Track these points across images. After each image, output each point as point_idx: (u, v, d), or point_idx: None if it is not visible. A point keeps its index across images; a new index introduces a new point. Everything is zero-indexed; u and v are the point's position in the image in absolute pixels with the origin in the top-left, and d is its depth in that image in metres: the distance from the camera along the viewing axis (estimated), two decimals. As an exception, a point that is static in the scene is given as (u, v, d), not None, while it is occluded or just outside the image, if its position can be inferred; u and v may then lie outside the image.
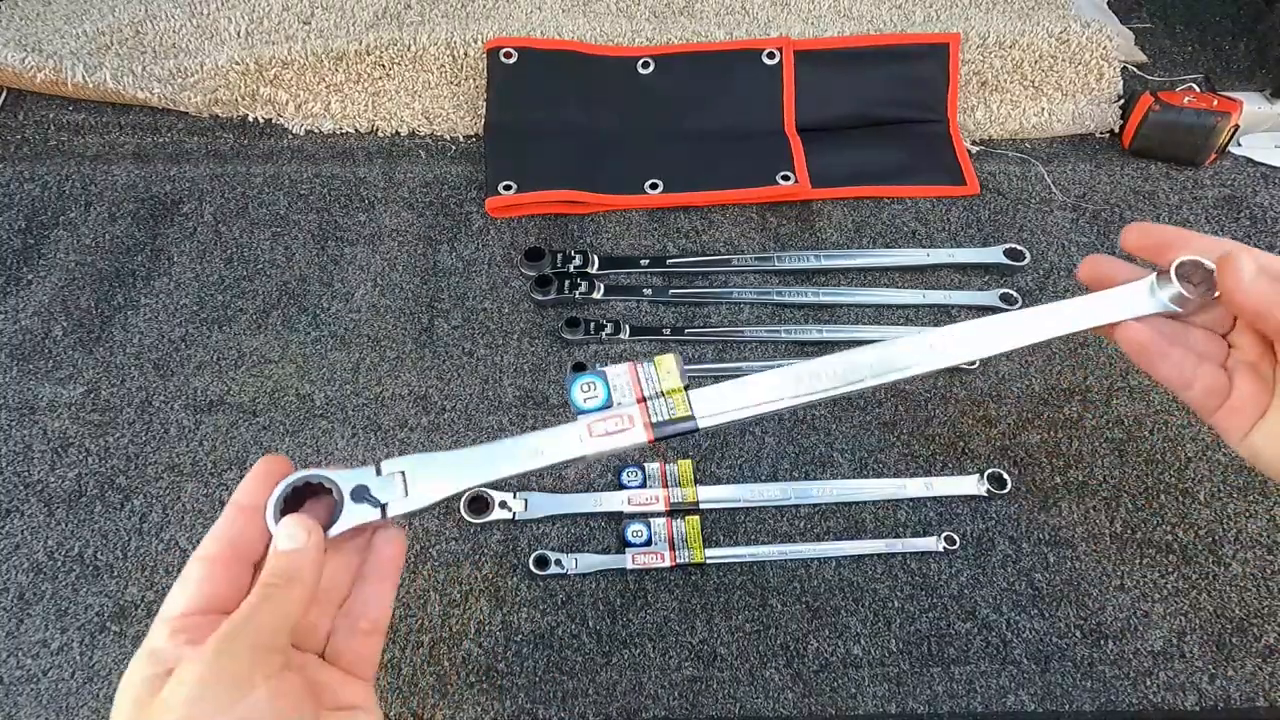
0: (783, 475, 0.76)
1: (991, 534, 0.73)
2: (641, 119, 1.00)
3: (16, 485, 0.73)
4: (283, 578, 0.41)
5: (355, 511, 0.45)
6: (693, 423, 0.48)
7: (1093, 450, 0.78)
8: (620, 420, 0.47)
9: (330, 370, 0.81)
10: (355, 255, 0.90)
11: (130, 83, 0.99)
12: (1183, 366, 0.51)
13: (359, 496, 0.45)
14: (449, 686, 0.64)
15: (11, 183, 0.94)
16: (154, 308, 0.85)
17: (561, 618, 0.68)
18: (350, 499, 0.45)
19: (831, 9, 1.08)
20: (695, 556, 0.70)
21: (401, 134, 1.01)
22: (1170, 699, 0.65)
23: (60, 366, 0.80)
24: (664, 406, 0.48)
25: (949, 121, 1.01)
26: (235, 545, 0.43)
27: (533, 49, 0.99)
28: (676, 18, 1.07)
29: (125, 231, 0.91)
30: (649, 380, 0.48)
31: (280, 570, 0.42)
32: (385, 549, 0.47)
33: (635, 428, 0.47)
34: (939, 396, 0.81)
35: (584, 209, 0.94)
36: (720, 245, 0.92)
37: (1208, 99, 0.97)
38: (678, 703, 0.64)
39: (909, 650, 0.67)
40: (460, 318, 0.85)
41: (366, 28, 1.03)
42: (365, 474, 0.45)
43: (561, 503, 0.73)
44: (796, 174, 0.95)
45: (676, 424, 0.48)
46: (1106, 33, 1.03)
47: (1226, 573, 0.71)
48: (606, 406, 0.47)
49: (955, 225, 0.95)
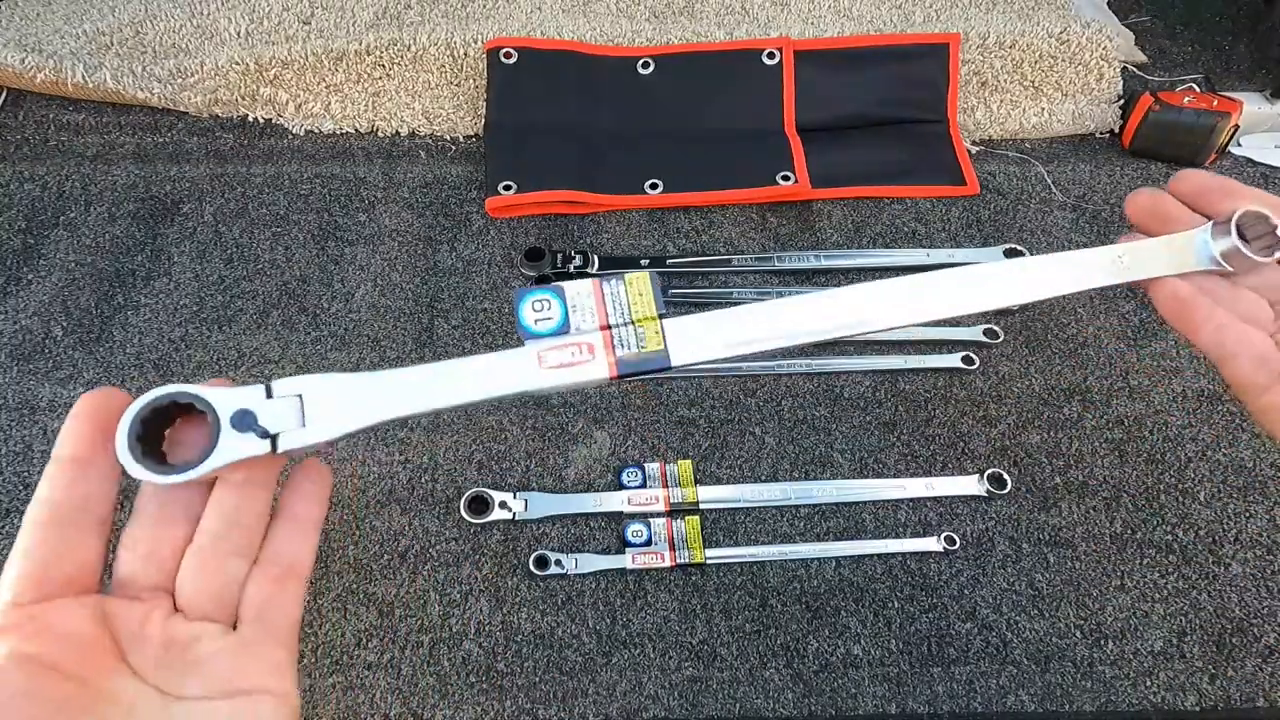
0: (783, 475, 0.76)
1: (991, 534, 0.73)
2: (641, 119, 1.00)
3: (16, 485, 0.73)
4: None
5: (235, 442, 0.35)
6: (664, 359, 0.40)
7: (1093, 450, 0.78)
8: (578, 350, 0.39)
9: (330, 370, 0.81)
10: (355, 255, 0.90)
11: (130, 83, 0.99)
12: (1228, 333, 0.43)
13: (242, 424, 0.35)
14: (449, 686, 0.64)
15: (11, 183, 0.94)
16: (154, 308, 0.85)
17: (561, 618, 0.68)
18: (230, 425, 0.35)
19: (831, 9, 1.08)
20: (695, 556, 0.70)
21: (401, 134, 1.01)
22: (1170, 699, 0.65)
23: (60, 366, 0.80)
24: (632, 336, 0.39)
25: (949, 121, 1.01)
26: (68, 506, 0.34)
27: (533, 49, 0.99)
28: (676, 18, 1.07)
29: (125, 231, 0.90)
30: (617, 303, 0.40)
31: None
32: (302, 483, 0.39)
33: (596, 360, 0.39)
34: (939, 396, 0.81)
35: (584, 209, 0.94)
36: (720, 245, 0.92)
37: (1208, 99, 0.97)
38: (678, 703, 0.64)
39: (909, 650, 0.67)
40: (460, 318, 0.85)
41: (366, 28, 1.03)
42: (252, 394, 0.36)
43: (561, 503, 0.73)
44: (796, 174, 0.95)
45: (646, 359, 0.39)
46: (1106, 33, 1.03)
47: (1226, 573, 0.71)
48: (563, 331, 0.40)
49: (955, 225, 0.95)
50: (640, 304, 0.40)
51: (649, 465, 0.76)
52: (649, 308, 0.40)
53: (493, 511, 0.72)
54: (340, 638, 0.67)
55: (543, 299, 0.40)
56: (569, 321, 0.40)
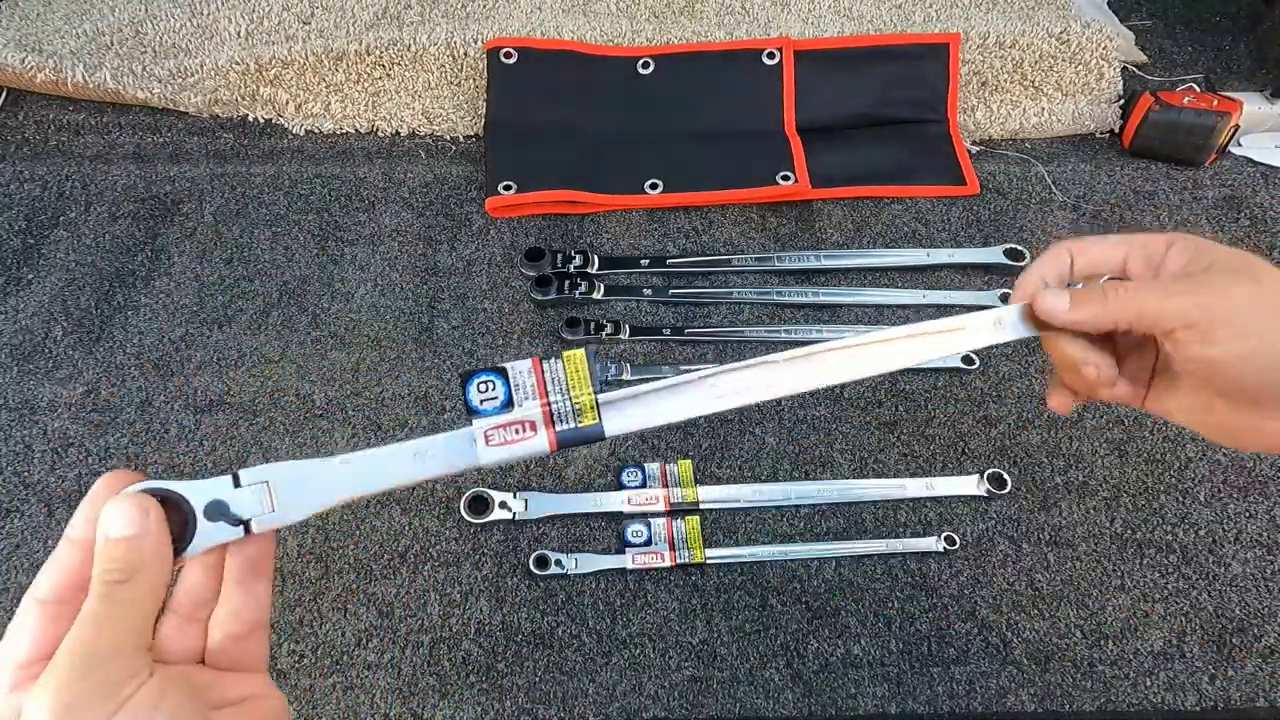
0: (783, 475, 0.76)
1: (991, 534, 0.73)
2: (641, 119, 1.00)
3: (16, 485, 0.73)
4: (124, 570, 0.36)
5: (210, 531, 0.39)
6: (599, 429, 0.43)
7: (1093, 450, 0.78)
8: (520, 428, 0.42)
9: (330, 370, 0.81)
10: (355, 255, 0.90)
11: (130, 83, 0.99)
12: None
13: (214, 514, 0.39)
14: (449, 686, 0.64)
15: (11, 183, 0.94)
16: (154, 308, 0.85)
17: (561, 618, 0.68)
18: (204, 517, 0.39)
19: (831, 9, 1.08)
20: (695, 556, 0.70)
21: (401, 134, 1.01)
22: (1170, 699, 0.65)
23: (60, 366, 0.80)
24: (570, 411, 0.43)
25: (949, 121, 1.01)
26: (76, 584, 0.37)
27: (533, 49, 0.99)
28: (676, 18, 1.07)
29: (125, 231, 0.90)
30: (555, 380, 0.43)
31: (118, 560, 0.36)
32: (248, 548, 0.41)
33: (537, 436, 0.42)
34: (939, 396, 0.81)
35: (584, 209, 0.94)
36: (720, 245, 0.92)
37: (1208, 99, 0.97)
38: (678, 703, 0.64)
39: (909, 650, 0.67)
40: (460, 318, 0.85)
41: (366, 28, 1.03)
42: (221, 486, 0.40)
43: (561, 503, 0.73)
44: (796, 174, 0.95)
45: (582, 433, 0.43)
46: (1106, 33, 1.03)
47: (1226, 573, 0.71)
48: (507, 407, 0.42)
49: (955, 225, 0.94)
50: (577, 381, 0.43)
51: (649, 465, 0.76)
52: (584, 385, 0.43)
53: (493, 511, 0.72)
54: (340, 638, 0.66)
55: (487, 380, 0.43)
56: (512, 399, 0.43)
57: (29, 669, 0.35)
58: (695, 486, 0.74)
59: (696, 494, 0.74)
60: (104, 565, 0.36)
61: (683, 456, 0.77)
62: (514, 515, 0.72)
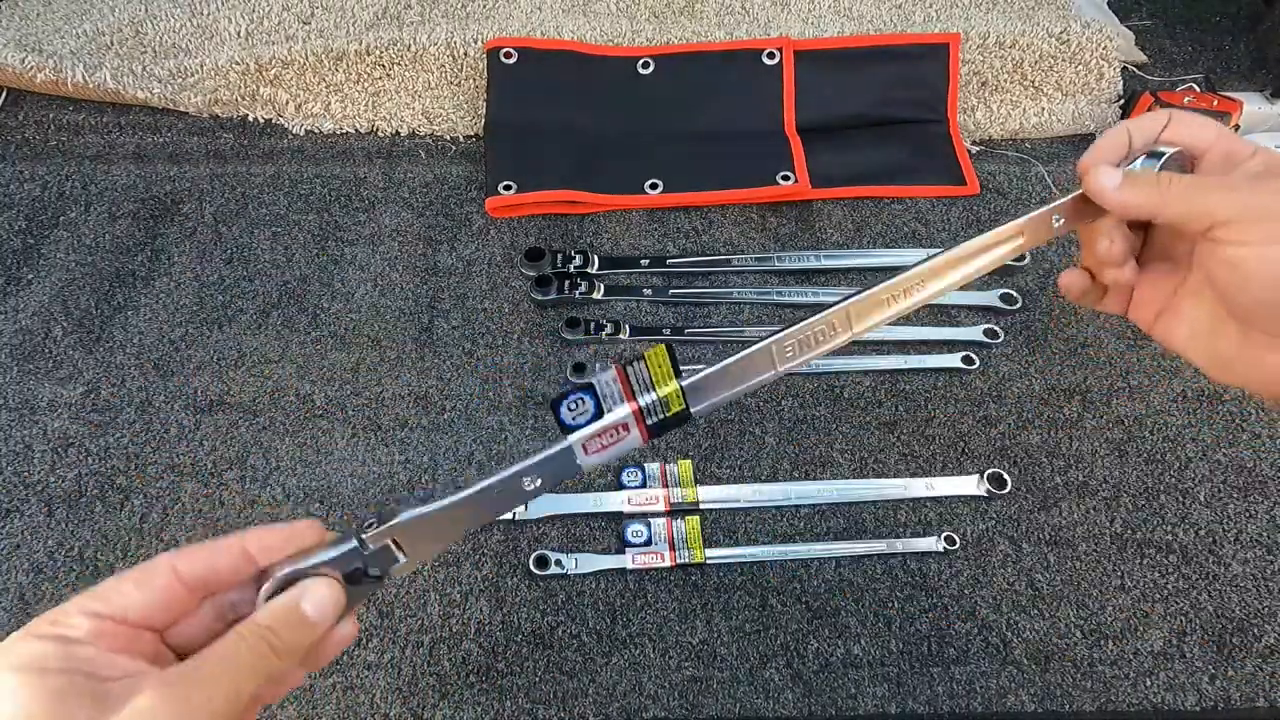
0: (783, 475, 0.76)
1: (991, 534, 0.73)
2: (641, 119, 1.00)
3: (16, 485, 0.73)
4: (288, 650, 0.37)
5: (358, 593, 0.42)
6: (686, 412, 0.46)
7: (1093, 450, 0.78)
8: (614, 431, 0.45)
9: (330, 370, 0.81)
10: (355, 255, 0.90)
11: (130, 83, 0.99)
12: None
13: (356, 579, 0.42)
14: (449, 686, 0.64)
15: (11, 183, 0.94)
16: (154, 308, 0.85)
17: (561, 618, 0.68)
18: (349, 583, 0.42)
19: (831, 9, 1.08)
20: (695, 556, 0.70)
21: (401, 134, 1.01)
22: (1170, 699, 0.65)
23: (60, 366, 0.80)
24: (657, 404, 0.45)
25: (949, 121, 1.01)
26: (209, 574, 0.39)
27: (533, 49, 0.99)
28: (676, 18, 1.07)
29: (125, 231, 0.90)
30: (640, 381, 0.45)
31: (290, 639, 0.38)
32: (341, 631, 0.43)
33: (631, 435, 0.45)
34: (939, 396, 0.81)
35: (584, 209, 0.94)
36: (720, 245, 0.92)
37: (1208, 99, 0.97)
38: (678, 703, 0.64)
39: (909, 650, 0.67)
40: (460, 318, 0.85)
41: (366, 28, 1.03)
42: (351, 552, 0.42)
43: (561, 503, 0.73)
44: (796, 174, 0.95)
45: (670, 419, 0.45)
46: (1106, 33, 1.03)
47: (1226, 573, 0.71)
48: (598, 416, 0.44)
49: (955, 225, 0.94)
50: (661, 376, 0.45)
51: (649, 465, 0.76)
52: (669, 378, 0.45)
53: (493, 511, 0.72)
54: (340, 638, 0.66)
55: (578, 399, 0.45)
56: (601, 409, 0.44)
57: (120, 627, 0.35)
58: (695, 486, 0.74)
59: (696, 494, 0.74)
60: (277, 627, 0.38)
61: (682, 456, 0.77)
62: (514, 515, 0.72)
